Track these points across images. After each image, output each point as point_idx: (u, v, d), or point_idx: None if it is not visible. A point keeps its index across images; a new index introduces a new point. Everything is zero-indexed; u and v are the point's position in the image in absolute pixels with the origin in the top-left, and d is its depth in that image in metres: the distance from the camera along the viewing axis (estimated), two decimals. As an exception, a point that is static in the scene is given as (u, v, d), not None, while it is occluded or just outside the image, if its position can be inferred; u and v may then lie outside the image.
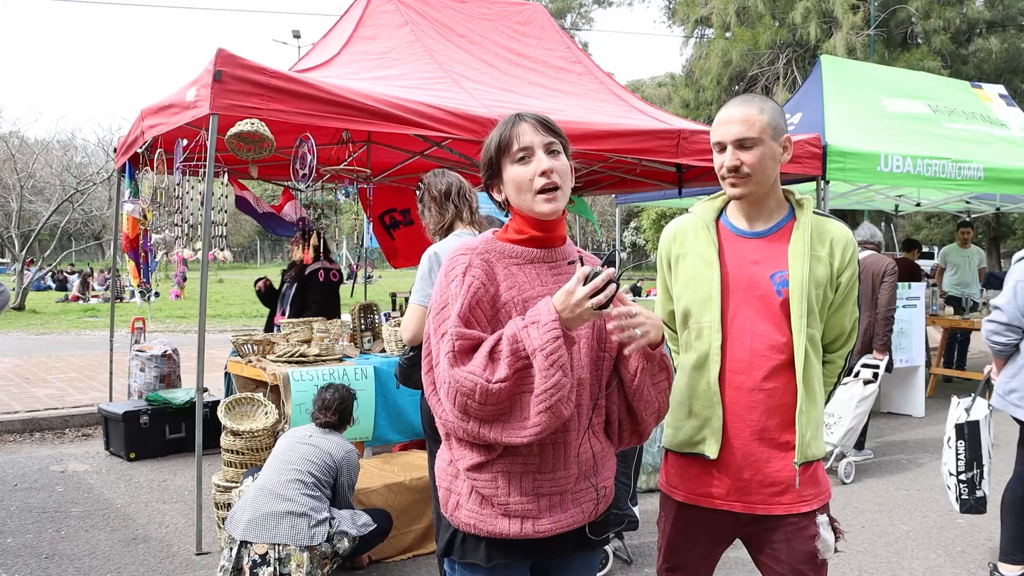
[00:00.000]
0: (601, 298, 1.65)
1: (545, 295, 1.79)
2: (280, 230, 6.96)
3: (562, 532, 1.80)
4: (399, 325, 3.69)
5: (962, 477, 3.73)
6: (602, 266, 1.72)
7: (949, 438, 3.78)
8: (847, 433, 5.49)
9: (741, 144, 2.03)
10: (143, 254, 5.93)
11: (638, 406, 1.85)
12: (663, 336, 1.85)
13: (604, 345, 1.86)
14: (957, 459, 3.73)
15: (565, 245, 1.90)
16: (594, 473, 1.86)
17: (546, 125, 1.81)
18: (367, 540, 3.66)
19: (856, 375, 5.75)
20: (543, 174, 1.77)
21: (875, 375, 5.73)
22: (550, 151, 1.80)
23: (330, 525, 3.47)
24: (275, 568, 3.29)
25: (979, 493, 3.74)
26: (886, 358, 5.86)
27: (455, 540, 1.84)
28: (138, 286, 5.48)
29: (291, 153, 4.96)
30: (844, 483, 5.40)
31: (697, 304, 2.11)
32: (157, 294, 5.57)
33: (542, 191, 1.77)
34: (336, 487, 3.62)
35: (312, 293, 6.01)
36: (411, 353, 3.26)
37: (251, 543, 3.31)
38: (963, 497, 3.75)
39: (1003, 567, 3.75)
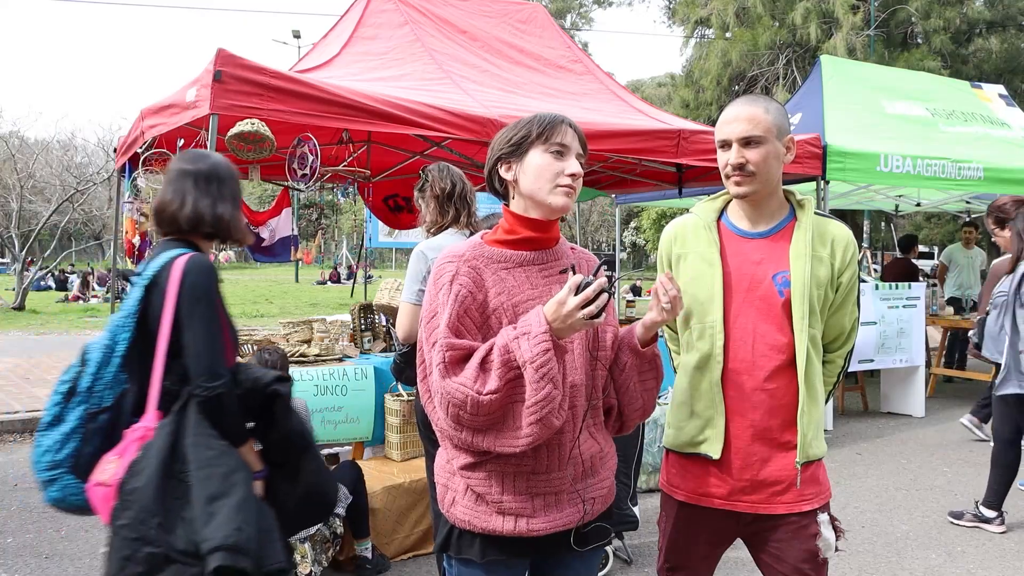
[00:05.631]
0: (592, 308, 1.64)
1: (535, 298, 1.79)
2: (262, 257, 6.82)
3: (556, 532, 1.81)
4: (395, 325, 3.67)
5: None
6: (594, 274, 1.71)
7: None
8: None
9: (747, 142, 2.03)
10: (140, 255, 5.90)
11: (623, 399, 1.91)
12: (656, 333, 1.91)
13: (599, 346, 1.87)
14: None
15: (558, 246, 1.90)
16: (591, 474, 1.87)
17: (582, 139, 1.87)
18: (357, 515, 3.58)
19: None
20: (572, 176, 1.81)
21: None
22: (579, 160, 1.85)
23: None
24: None
25: None
26: None
27: (451, 536, 1.87)
28: None
29: (289, 153, 4.96)
30: None
31: (699, 304, 2.11)
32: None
33: (562, 186, 1.80)
34: None
35: None
36: (405, 349, 3.24)
37: None
38: None
39: None
